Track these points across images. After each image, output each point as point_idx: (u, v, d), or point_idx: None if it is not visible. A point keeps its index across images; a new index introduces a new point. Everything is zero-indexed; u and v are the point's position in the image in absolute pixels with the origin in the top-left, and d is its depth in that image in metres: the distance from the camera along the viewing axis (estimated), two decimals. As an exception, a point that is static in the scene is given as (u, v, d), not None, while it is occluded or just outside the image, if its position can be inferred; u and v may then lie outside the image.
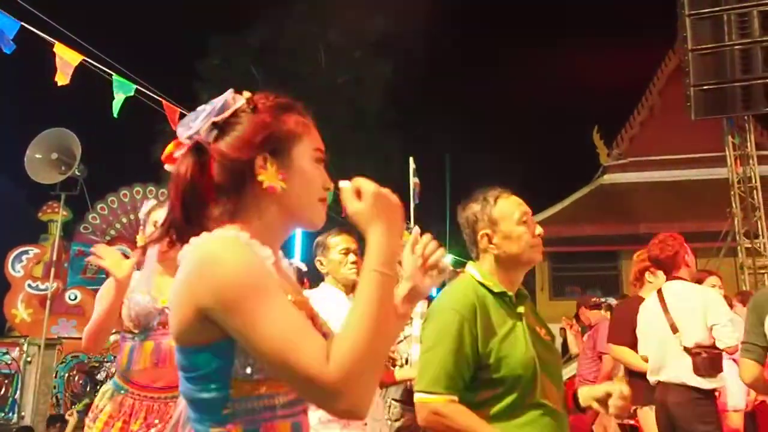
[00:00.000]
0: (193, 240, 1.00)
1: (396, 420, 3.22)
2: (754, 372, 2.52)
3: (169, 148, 1.09)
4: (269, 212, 1.06)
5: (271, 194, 1.04)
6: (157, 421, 2.21)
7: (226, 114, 1.05)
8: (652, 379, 3.25)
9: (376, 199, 1.04)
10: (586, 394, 1.72)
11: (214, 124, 1.04)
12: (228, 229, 1.01)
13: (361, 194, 1.05)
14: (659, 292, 3.31)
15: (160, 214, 2.40)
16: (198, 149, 1.05)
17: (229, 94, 1.07)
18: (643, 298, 3.65)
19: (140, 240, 2.46)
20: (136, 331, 2.27)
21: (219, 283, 0.92)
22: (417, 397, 1.66)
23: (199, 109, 1.06)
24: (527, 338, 1.68)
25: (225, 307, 0.91)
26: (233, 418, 0.96)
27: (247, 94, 1.08)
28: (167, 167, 1.09)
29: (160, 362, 2.24)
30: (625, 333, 3.62)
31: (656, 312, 3.27)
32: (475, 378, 1.64)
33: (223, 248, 0.95)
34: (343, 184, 1.08)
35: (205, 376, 0.96)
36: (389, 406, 3.20)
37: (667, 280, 3.32)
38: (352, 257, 2.69)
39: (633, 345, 3.57)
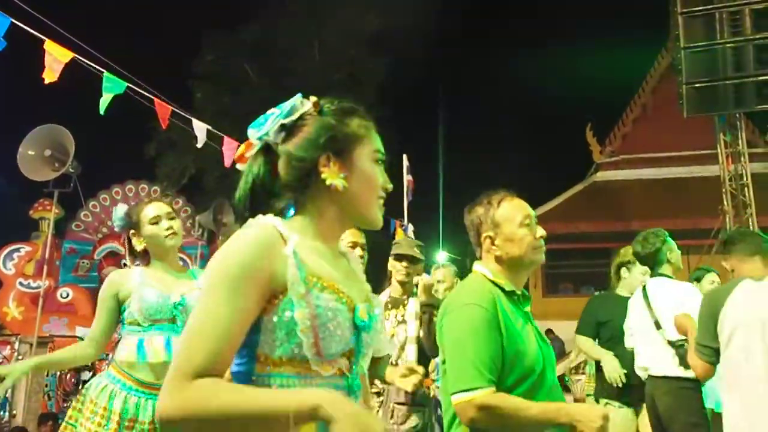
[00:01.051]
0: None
1: (402, 423, 3.21)
2: (709, 374, 2.60)
3: (241, 148, 1.17)
4: (330, 209, 1.14)
5: (333, 192, 1.12)
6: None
7: (294, 117, 1.13)
8: (642, 375, 3.29)
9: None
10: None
11: (283, 126, 1.12)
12: (268, 217, 1.09)
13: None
14: (644, 288, 3.34)
15: (152, 211, 2.39)
16: (267, 149, 1.14)
17: (297, 98, 1.15)
18: (618, 295, 3.76)
19: (138, 244, 2.43)
20: (144, 325, 2.28)
21: (212, 262, 1.02)
22: (458, 398, 1.63)
23: (268, 112, 1.14)
24: (535, 335, 1.76)
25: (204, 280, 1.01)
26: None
27: (313, 98, 1.17)
28: (239, 167, 1.17)
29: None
30: (590, 326, 3.78)
31: (641, 309, 3.30)
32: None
33: (244, 231, 1.04)
34: None
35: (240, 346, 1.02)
36: (392, 411, 3.19)
37: (651, 276, 3.35)
38: (359, 251, 2.72)
39: (595, 337, 3.76)
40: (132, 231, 2.44)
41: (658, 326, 3.17)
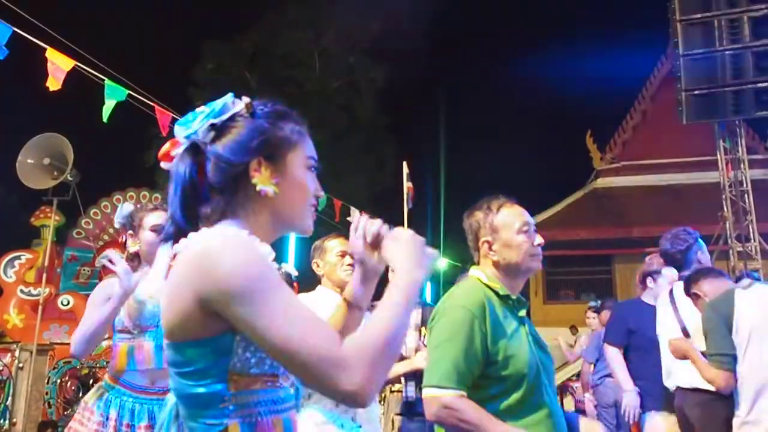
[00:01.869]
0: (191, 236, 1.02)
1: None
2: (731, 383, 2.51)
3: (166, 146, 1.11)
4: (261, 215, 1.09)
5: (264, 197, 1.07)
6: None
7: (225, 117, 1.08)
8: (668, 384, 3.10)
9: (413, 241, 1.17)
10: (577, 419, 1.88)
11: (212, 126, 1.07)
12: (227, 226, 1.04)
13: (398, 238, 1.18)
14: (671, 293, 3.12)
15: (154, 219, 2.40)
16: (194, 149, 1.08)
17: (228, 97, 1.10)
18: (645, 302, 3.55)
19: (132, 245, 2.44)
20: (134, 332, 2.28)
21: (225, 275, 0.93)
22: (427, 392, 1.67)
23: (197, 110, 1.09)
24: (529, 340, 1.76)
25: (231, 298, 0.92)
26: (231, 412, 0.97)
27: (246, 99, 1.12)
28: (163, 165, 1.12)
29: (164, 362, 2.24)
30: (620, 334, 3.57)
31: (668, 316, 3.09)
32: (484, 375, 1.68)
33: (224, 243, 0.97)
34: (385, 231, 1.22)
35: (200, 370, 0.97)
36: (392, 421, 3.20)
37: (678, 278, 3.12)
38: (348, 260, 2.71)
39: (627, 346, 3.53)
40: (130, 232, 2.44)
41: (686, 335, 2.96)
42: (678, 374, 3.03)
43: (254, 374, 1.00)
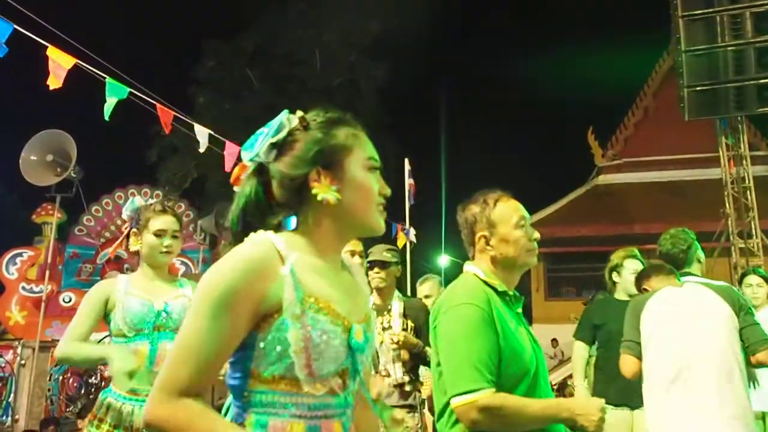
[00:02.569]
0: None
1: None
2: (634, 368, 2.68)
3: (236, 171, 1.17)
4: (327, 222, 1.13)
5: (327, 205, 1.10)
6: None
7: (281, 135, 1.12)
8: None
9: None
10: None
11: (273, 145, 1.12)
12: (267, 233, 1.08)
13: None
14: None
15: (159, 223, 2.38)
16: (260, 170, 1.13)
17: (283, 115, 1.14)
18: (616, 299, 3.73)
19: (134, 244, 2.43)
20: (130, 335, 2.27)
21: (203, 280, 1.03)
22: (458, 400, 1.58)
23: (258, 131, 1.14)
24: (528, 336, 1.74)
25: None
26: (248, 405, 1.04)
27: (299, 113, 1.15)
28: (236, 189, 1.16)
29: (156, 364, 2.25)
30: (585, 330, 3.80)
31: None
32: None
33: (237, 250, 1.04)
34: None
35: (231, 363, 1.06)
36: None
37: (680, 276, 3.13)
38: (357, 259, 2.71)
39: (592, 341, 3.77)
40: (134, 230, 2.42)
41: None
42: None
43: (276, 375, 1.03)
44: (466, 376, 1.58)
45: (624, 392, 3.36)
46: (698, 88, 8.66)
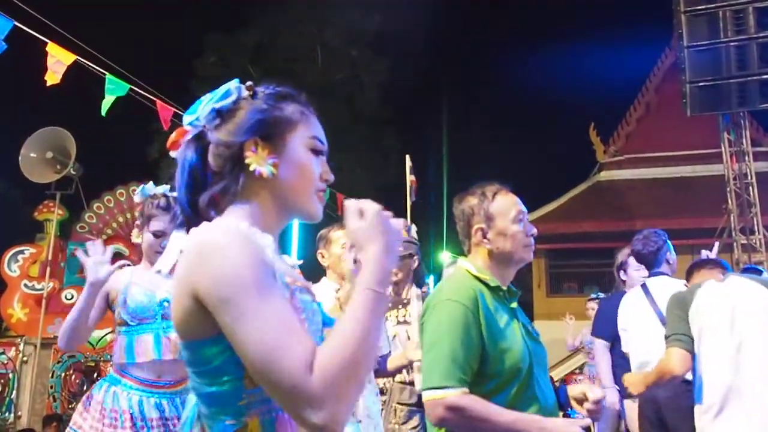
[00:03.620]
0: (194, 229, 0.98)
1: (404, 423, 3.21)
2: (687, 363, 2.48)
3: (174, 135, 1.10)
4: (263, 199, 1.05)
5: (265, 180, 1.03)
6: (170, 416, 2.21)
7: (227, 102, 1.05)
8: (640, 371, 3.20)
9: (378, 220, 1.04)
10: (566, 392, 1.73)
11: (216, 112, 1.05)
12: (228, 218, 1.00)
13: (363, 213, 1.05)
14: (644, 286, 3.30)
15: (157, 224, 2.38)
16: (200, 137, 1.06)
17: (232, 83, 1.07)
18: (624, 293, 3.67)
19: (135, 237, 2.44)
20: (133, 324, 2.26)
21: (216, 274, 0.89)
22: (428, 394, 1.58)
23: (203, 97, 1.07)
24: (521, 333, 1.70)
25: (218, 300, 0.88)
26: (249, 409, 0.94)
27: (250, 83, 1.10)
28: (171, 153, 1.10)
29: (164, 354, 2.24)
30: (606, 327, 3.74)
31: (642, 307, 3.25)
32: (478, 372, 1.62)
33: (224, 238, 0.92)
34: (347, 202, 1.07)
35: (216, 368, 0.93)
36: (394, 410, 3.19)
37: (649, 276, 3.33)
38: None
39: (612, 339, 3.69)
40: (138, 223, 2.43)
41: (664, 323, 3.09)
42: (652, 363, 3.09)
43: None
44: (438, 372, 1.58)
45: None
46: (701, 84, 8.64)
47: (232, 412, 0.94)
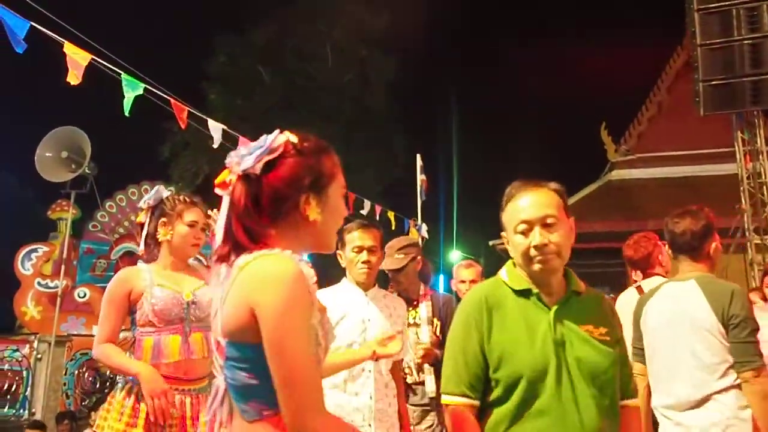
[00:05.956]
0: (256, 252, 1.17)
1: (418, 423, 3.21)
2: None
3: (223, 175, 1.28)
4: (303, 235, 1.26)
5: (309, 224, 1.25)
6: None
7: (276, 154, 1.23)
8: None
9: None
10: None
11: (267, 162, 1.23)
12: (285, 251, 1.19)
13: None
14: (639, 288, 3.28)
15: (192, 215, 2.39)
16: (248, 179, 1.24)
17: (277, 134, 1.25)
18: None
19: (164, 234, 2.40)
20: (160, 325, 2.26)
21: (275, 300, 1.10)
22: (444, 398, 1.65)
23: (252, 145, 1.25)
24: (547, 338, 1.57)
25: (271, 316, 1.10)
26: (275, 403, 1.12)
27: (289, 135, 1.27)
28: (219, 191, 1.28)
29: (191, 354, 2.26)
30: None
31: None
32: (485, 377, 1.60)
33: (285, 270, 1.13)
34: None
35: (257, 367, 1.13)
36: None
37: (644, 278, 3.33)
38: (363, 256, 2.61)
39: None
40: (163, 220, 2.40)
41: None
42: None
43: None
44: (444, 377, 1.65)
45: None
46: (714, 83, 8.56)
47: (264, 400, 1.14)
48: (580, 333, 1.61)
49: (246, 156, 1.23)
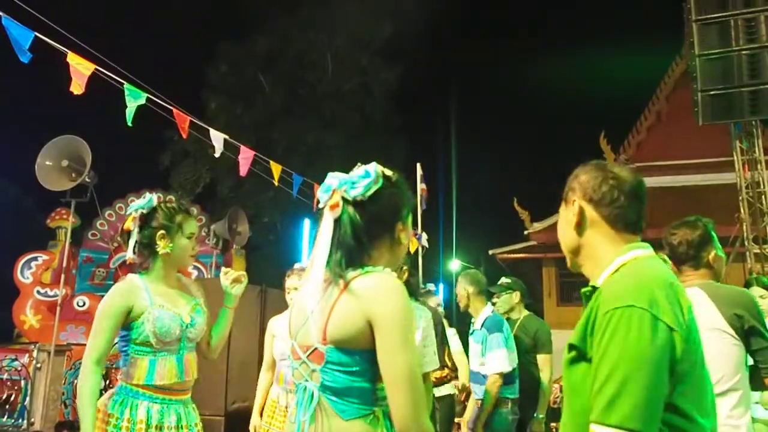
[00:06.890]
0: (355, 270, 1.35)
1: None
2: None
3: (335, 198, 1.42)
4: (390, 255, 1.46)
5: (402, 248, 1.48)
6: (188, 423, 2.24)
7: (377, 186, 1.42)
8: None
9: None
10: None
11: (371, 194, 1.41)
12: (386, 268, 1.38)
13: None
14: None
15: (191, 227, 2.37)
16: (356, 204, 1.41)
17: (376, 168, 1.44)
18: None
19: (164, 247, 2.31)
20: (158, 347, 2.22)
21: (393, 310, 1.28)
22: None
23: (355, 174, 1.43)
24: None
25: (388, 325, 1.27)
26: (378, 402, 1.31)
27: (384, 170, 1.46)
28: (330, 213, 1.42)
29: (187, 375, 2.28)
30: None
31: None
32: None
33: (396, 283, 1.33)
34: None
35: (365, 370, 1.30)
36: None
37: None
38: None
39: None
40: (163, 232, 2.32)
41: None
42: None
43: None
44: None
45: None
46: (712, 93, 8.60)
47: (365, 401, 1.31)
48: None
49: (354, 184, 1.41)
